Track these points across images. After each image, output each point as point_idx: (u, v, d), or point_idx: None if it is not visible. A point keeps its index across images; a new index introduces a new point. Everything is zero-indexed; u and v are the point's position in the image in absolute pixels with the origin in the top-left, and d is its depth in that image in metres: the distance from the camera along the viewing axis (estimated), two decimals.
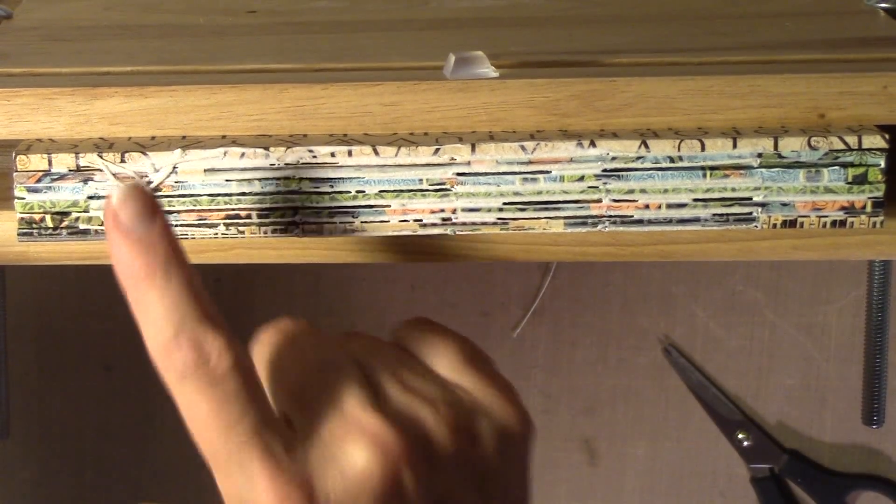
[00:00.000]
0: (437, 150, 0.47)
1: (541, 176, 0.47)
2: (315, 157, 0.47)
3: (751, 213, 0.47)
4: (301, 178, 0.47)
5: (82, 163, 0.46)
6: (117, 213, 0.42)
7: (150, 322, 0.42)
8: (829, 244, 0.49)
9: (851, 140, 0.47)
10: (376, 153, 0.47)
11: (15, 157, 0.46)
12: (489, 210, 0.47)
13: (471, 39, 0.55)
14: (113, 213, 0.42)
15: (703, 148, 0.47)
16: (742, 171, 0.47)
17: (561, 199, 0.47)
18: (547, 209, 0.47)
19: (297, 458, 0.42)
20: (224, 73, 0.50)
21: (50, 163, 0.46)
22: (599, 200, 0.47)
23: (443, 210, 0.47)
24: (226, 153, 0.46)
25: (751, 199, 0.47)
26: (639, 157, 0.47)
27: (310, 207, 0.47)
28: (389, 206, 0.47)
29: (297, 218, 0.47)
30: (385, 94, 0.47)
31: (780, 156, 0.47)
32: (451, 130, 0.48)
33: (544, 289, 0.83)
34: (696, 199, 0.47)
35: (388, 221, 0.47)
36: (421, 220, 0.47)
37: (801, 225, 0.47)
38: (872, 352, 0.79)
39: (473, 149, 0.47)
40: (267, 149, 0.46)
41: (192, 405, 0.42)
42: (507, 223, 0.47)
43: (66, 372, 0.83)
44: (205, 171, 0.47)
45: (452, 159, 0.47)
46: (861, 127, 0.47)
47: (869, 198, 0.47)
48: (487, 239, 0.49)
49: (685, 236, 0.49)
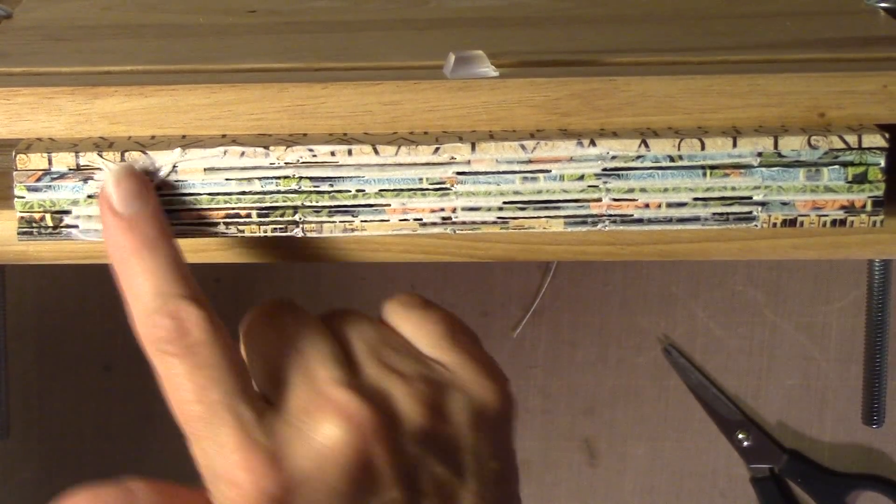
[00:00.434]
0: (437, 149, 0.47)
1: (541, 175, 0.47)
2: (315, 156, 0.47)
3: (751, 213, 0.47)
4: (301, 178, 0.47)
5: (82, 162, 0.46)
6: (110, 194, 0.45)
7: (134, 295, 0.44)
8: (829, 243, 0.49)
9: (851, 139, 0.47)
10: (376, 152, 0.47)
11: (15, 156, 0.46)
12: (489, 209, 0.47)
13: (471, 39, 0.55)
14: (106, 194, 0.45)
15: (703, 147, 0.47)
16: (742, 171, 0.47)
17: (561, 198, 0.47)
18: (547, 208, 0.47)
19: (267, 429, 0.43)
20: (224, 72, 0.50)
21: (50, 162, 0.46)
22: (599, 199, 0.47)
23: (443, 209, 0.47)
24: (226, 152, 0.46)
25: (751, 198, 0.47)
26: (639, 157, 0.47)
27: (309, 206, 0.47)
28: (389, 205, 0.47)
29: (296, 217, 0.47)
30: (385, 93, 0.47)
31: (780, 155, 0.47)
32: (451, 129, 0.48)
33: (544, 289, 0.83)
34: (696, 199, 0.47)
35: (388, 220, 0.47)
36: (421, 220, 0.47)
37: (801, 224, 0.47)
38: (872, 352, 0.79)
39: (473, 148, 0.47)
40: (267, 148, 0.46)
41: (169, 374, 0.43)
42: (507, 222, 0.47)
43: (66, 372, 0.83)
44: (205, 170, 0.47)
45: (452, 158, 0.47)
46: (861, 126, 0.47)
47: (869, 197, 0.47)
48: (487, 238, 0.49)
49: (685, 235, 0.49)
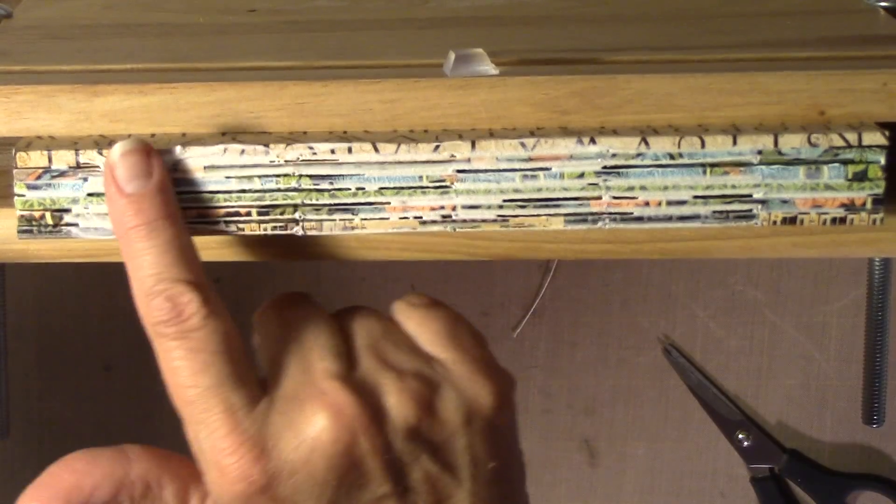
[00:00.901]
0: (437, 147, 0.47)
1: (541, 173, 0.47)
2: (315, 154, 0.47)
3: (751, 211, 0.47)
4: (301, 175, 0.47)
5: (82, 160, 0.46)
6: (114, 169, 0.45)
7: (136, 275, 0.44)
8: (830, 241, 0.49)
9: (851, 137, 0.47)
10: (376, 150, 0.47)
11: (15, 155, 0.46)
12: (489, 207, 0.47)
13: (471, 37, 0.55)
14: (111, 169, 0.45)
15: (703, 145, 0.47)
16: (742, 168, 0.47)
17: (561, 196, 0.47)
18: (547, 206, 0.47)
19: (257, 417, 0.44)
20: (224, 70, 0.50)
21: (50, 160, 0.46)
22: (599, 197, 0.47)
23: (443, 207, 0.47)
24: (226, 150, 0.46)
25: (751, 196, 0.47)
26: (639, 154, 0.47)
27: (310, 204, 0.47)
28: (389, 203, 0.47)
29: (296, 215, 0.47)
30: (385, 91, 0.47)
31: (780, 153, 0.47)
32: (451, 127, 0.48)
33: (544, 289, 0.83)
34: (696, 197, 0.47)
35: (388, 219, 0.47)
36: (421, 218, 0.47)
37: (802, 222, 0.47)
38: (872, 352, 0.79)
39: (473, 146, 0.47)
40: (267, 146, 0.46)
41: (167, 355, 0.44)
42: (507, 220, 0.47)
43: (66, 372, 0.83)
44: (204, 168, 0.46)
45: (452, 156, 0.47)
46: (861, 124, 0.47)
47: (869, 195, 0.47)
48: (487, 236, 0.49)
49: (685, 234, 0.49)
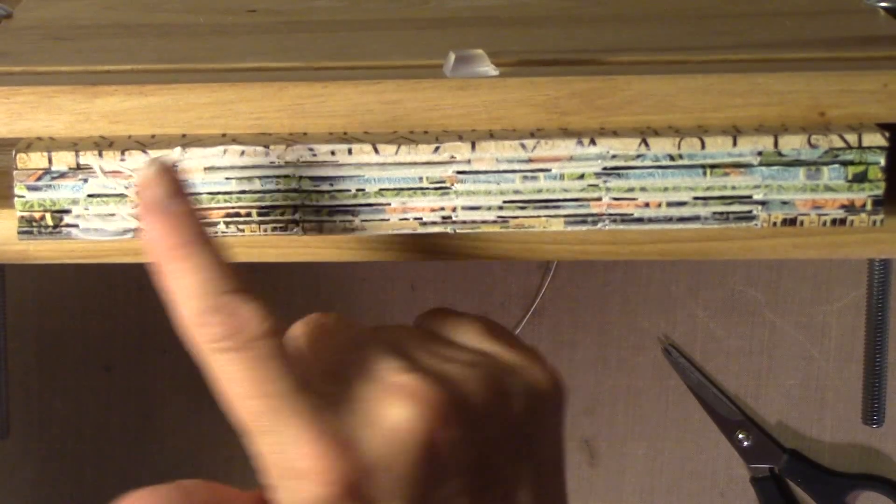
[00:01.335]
0: (437, 148, 0.47)
1: (541, 174, 0.47)
2: (315, 155, 0.47)
3: (751, 212, 0.47)
4: (301, 177, 0.47)
5: (82, 161, 0.46)
6: (149, 191, 0.43)
7: (183, 295, 0.42)
8: (829, 242, 0.49)
9: (851, 138, 0.47)
10: (376, 151, 0.47)
11: (15, 156, 0.46)
12: (489, 208, 0.47)
13: (471, 38, 0.55)
14: (145, 191, 0.43)
15: (703, 146, 0.47)
16: (742, 170, 0.47)
17: (561, 197, 0.47)
18: (547, 207, 0.47)
19: (335, 417, 0.42)
20: (224, 71, 0.50)
21: (50, 161, 0.46)
22: (599, 199, 0.47)
23: (443, 208, 0.47)
24: (226, 151, 0.46)
25: (751, 197, 0.47)
26: (639, 156, 0.47)
27: (310, 206, 0.47)
28: (389, 204, 0.47)
29: (296, 216, 0.47)
30: (385, 92, 0.47)
31: (780, 154, 0.47)
32: (452, 128, 0.48)
33: (544, 289, 0.83)
34: (696, 198, 0.47)
35: (388, 220, 0.47)
36: (421, 219, 0.47)
37: (802, 223, 0.47)
38: (872, 352, 0.79)
39: (473, 147, 0.47)
40: (267, 147, 0.46)
41: (228, 373, 0.41)
42: (507, 221, 0.47)
43: (66, 372, 0.83)
44: (205, 169, 0.47)
45: (452, 157, 0.47)
46: (861, 125, 0.47)
47: (869, 196, 0.47)
48: (487, 237, 0.49)
49: (685, 235, 0.49)
